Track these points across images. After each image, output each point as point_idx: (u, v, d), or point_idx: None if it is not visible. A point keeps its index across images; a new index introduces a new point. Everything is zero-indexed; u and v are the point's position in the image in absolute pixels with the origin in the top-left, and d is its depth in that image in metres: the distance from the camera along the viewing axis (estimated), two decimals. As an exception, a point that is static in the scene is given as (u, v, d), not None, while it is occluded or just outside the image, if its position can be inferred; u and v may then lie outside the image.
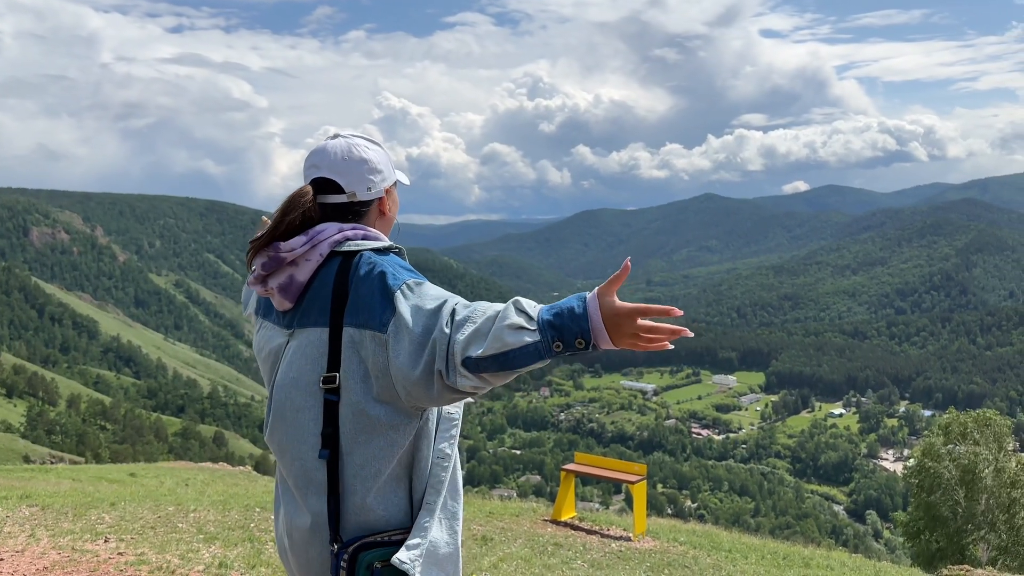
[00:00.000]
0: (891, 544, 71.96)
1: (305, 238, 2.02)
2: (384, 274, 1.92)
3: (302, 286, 2.03)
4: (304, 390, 1.97)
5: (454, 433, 2.05)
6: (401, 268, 1.96)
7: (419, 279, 1.94)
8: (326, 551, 1.96)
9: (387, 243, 2.06)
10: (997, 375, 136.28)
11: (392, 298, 1.87)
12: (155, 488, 11.58)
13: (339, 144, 2.12)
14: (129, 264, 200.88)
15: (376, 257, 1.98)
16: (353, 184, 2.10)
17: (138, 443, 65.91)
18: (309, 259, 2.02)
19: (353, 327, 1.91)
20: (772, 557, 8.54)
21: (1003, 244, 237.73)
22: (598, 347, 1.72)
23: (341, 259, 2.00)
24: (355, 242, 2.02)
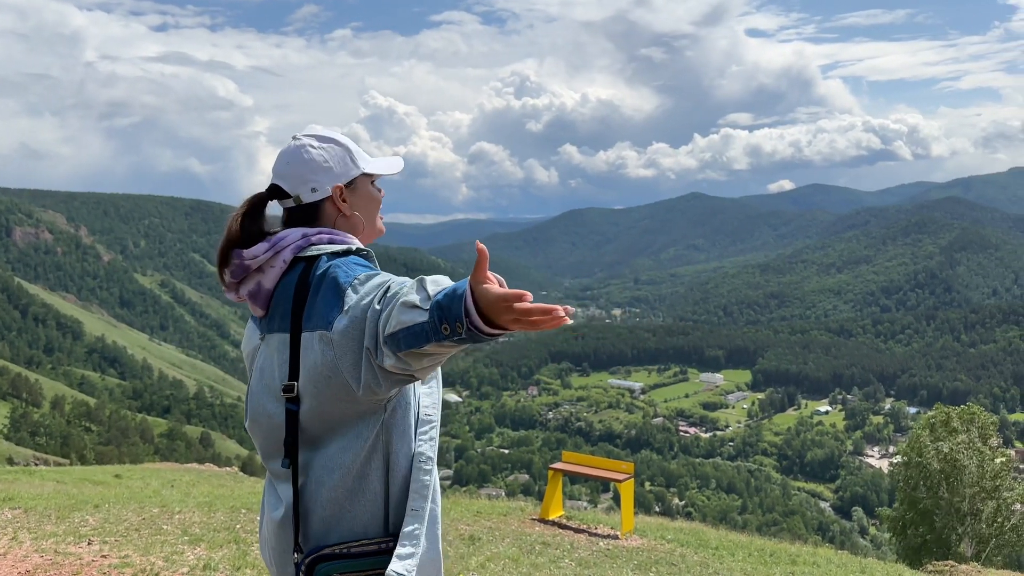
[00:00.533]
0: (877, 540, 72.46)
1: (267, 245, 2.01)
2: (337, 274, 1.89)
3: (269, 293, 2.02)
4: (272, 397, 1.97)
5: (433, 435, 2.00)
6: (356, 266, 1.93)
7: (372, 272, 1.90)
8: (290, 552, 1.95)
9: (349, 245, 2.02)
10: (981, 372, 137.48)
11: (343, 295, 1.84)
12: (140, 490, 11.50)
13: (288, 148, 2.11)
14: (114, 264, 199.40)
15: (334, 260, 1.95)
16: (296, 187, 2.07)
17: (123, 444, 65.44)
18: (274, 266, 2.00)
19: (307, 331, 1.90)
20: (759, 554, 8.57)
21: (986, 242, 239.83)
22: (480, 331, 1.57)
23: (304, 264, 1.98)
24: (318, 246, 2.00)
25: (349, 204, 2.11)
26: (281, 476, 2.00)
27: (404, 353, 1.67)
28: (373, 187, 2.19)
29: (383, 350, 1.72)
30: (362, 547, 1.88)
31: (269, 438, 2.00)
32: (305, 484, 1.92)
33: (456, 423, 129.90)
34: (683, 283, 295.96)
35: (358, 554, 1.88)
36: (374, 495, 1.91)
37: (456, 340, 1.60)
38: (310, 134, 2.13)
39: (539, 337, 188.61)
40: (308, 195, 2.07)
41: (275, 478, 2.05)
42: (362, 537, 1.89)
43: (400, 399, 1.93)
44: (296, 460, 1.92)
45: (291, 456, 1.92)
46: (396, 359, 1.69)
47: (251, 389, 2.07)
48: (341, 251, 1.99)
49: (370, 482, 1.90)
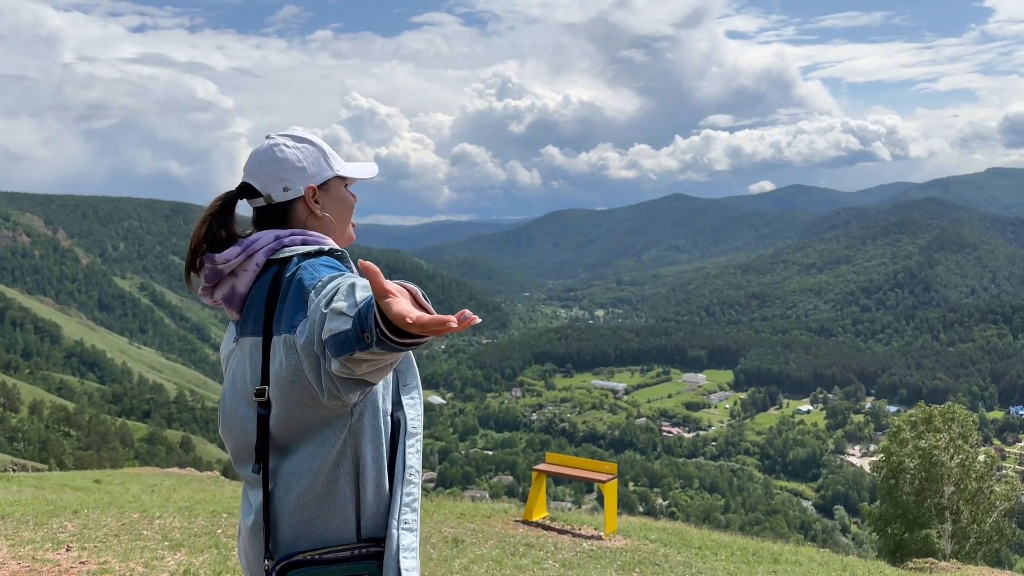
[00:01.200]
0: (859, 538, 73.09)
1: (239, 248, 1.99)
2: (303, 276, 1.86)
3: (243, 297, 2.00)
4: (244, 401, 1.95)
5: (420, 447, 1.99)
6: (323, 267, 1.89)
7: (335, 274, 1.84)
8: (262, 558, 1.94)
9: (321, 246, 1.99)
10: (960, 371, 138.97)
11: (306, 298, 1.81)
12: (120, 495, 11.38)
13: (261, 147, 2.09)
14: (92, 267, 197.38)
15: (305, 261, 1.93)
16: (267, 186, 2.05)
17: (103, 449, 64.78)
18: (247, 269, 1.98)
19: (276, 335, 1.88)
20: (742, 553, 8.61)
21: (964, 242, 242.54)
22: (391, 340, 1.52)
23: (277, 267, 1.96)
24: (291, 248, 1.98)
25: (321, 205, 2.09)
26: (252, 482, 1.98)
27: (343, 359, 1.63)
28: (347, 191, 2.15)
29: (328, 354, 1.68)
30: (334, 553, 1.86)
31: (240, 443, 1.98)
32: (274, 490, 1.90)
33: (440, 425, 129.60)
34: (665, 284, 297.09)
35: (330, 560, 1.85)
36: (344, 501, 1.88)
37: (381, 348, 1.56)
38: (285, 134, 2.12)
39: (522, 339, 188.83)
40: (280, 194, 2.05)
41: (247, 484, 2.03)
42: (333, 543, 1.87)
43: (368, 404, 1.89)
44: (267, 465, 1.90)
45: (263, 461, 1.91)
46: (339, 364, 1.65)
47: (224, 393, 2.05)
48: (313, 252, 1.96)
49: (340, 488, 1.87)
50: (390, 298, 1.46)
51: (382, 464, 1.91)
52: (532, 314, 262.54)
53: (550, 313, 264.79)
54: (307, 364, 1.76)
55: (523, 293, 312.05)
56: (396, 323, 1.45)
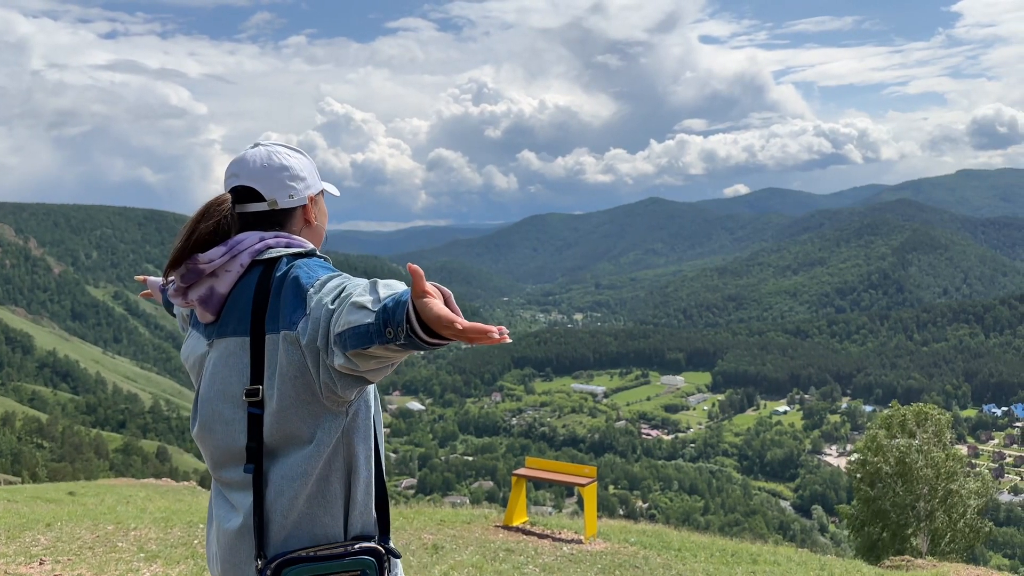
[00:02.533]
0: (837, 538, 73.73)
1: (224, 248, 1.98)
2: (299, 275, 1.89)
3: (223, 298, 1.99)
4: (231, 402, 1.94)
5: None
6: (318, 267, 1.93)
7: (334, 273, 1.89)
8: (251, 564, 1.91)
9: (309, 248, 2.03)
10: (933, 370, 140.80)
11: (305, 296, 1.84)
12: (94, 507, 11.22)
13: (259, 152, 2.09)
14: (65, 276, 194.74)
15: (295, 260, 1.96)
16: (273, 191, 2.06)
17: (77, 461, 63.83)
18: (229, 270, 1.97)
19: (272, 333, 1.88)
20: (721, 554, 8.65)
21: (936, 243, 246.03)
22: (419, 338, 1.59)
23: (262, 268, 1.97)
24: (276, 249, 1.98)
25: (314, 215, 2.15)
26: (237, 484, 1.95)
27: (351, 353, 1.66)
28: (325, 203, 2.24)
29: (333, 349, 1.71)
30: (329, 550, 1.87)
31: (223, 445, 1.96)
32: (267, 491, 1.89)
33: (420, 431, 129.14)
34: (643, 287, 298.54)
35: (326, 557, 1.86)
36: (335, 500, 1.90)
37: (400, 345, 1.61)
38: (277, 143, 2.15)
39: (502, 343, 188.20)
40: (285, 200, 2.07)
41: (228, 487, 1.99)
42: (323, 541, 1.88)
43: (361, 403, 1.94)
44: (261, 465, 1.90)
45: (255, 461, 1.90)
46: (344, 359, 1.68)
47: (202, 396, 2.02)
48: (302, 253, 2.00)
49: (332, 487, 1.90)
50: (428, 299, 1.53)
51: (371, 463, 1.95)
52: (511, 319, 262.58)
53: (529, 318, 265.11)
54: (311, 360, 1.79)
55: (502, 298, 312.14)
56: (433, 323, 1.51)
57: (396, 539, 7.98)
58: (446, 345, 1.61)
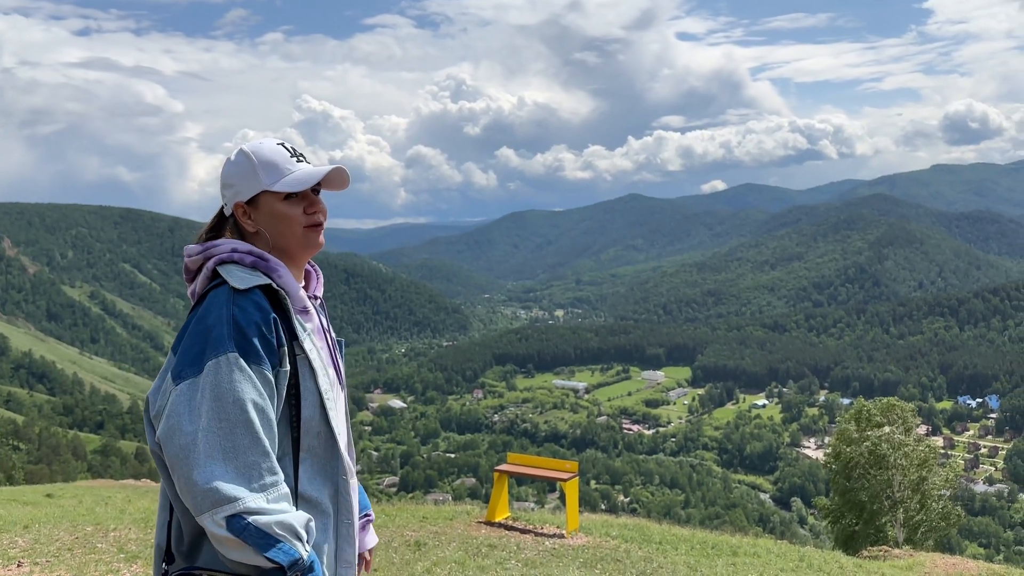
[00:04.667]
0: (815, 529, 74.45)
1: (200, 248, 2.04)
2: (213, 330, 1.86)
3: (198, 297, 2.01)
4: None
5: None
6: (236, 332, 1.86)
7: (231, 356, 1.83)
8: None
9: (261, 281, 1.96)
10: (910, 363, 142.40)
11: (202, 364, 1.82)
12: (73, 508, 11.11)
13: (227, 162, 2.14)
14: (40, 276, 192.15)
15: (230, 299, 1.91)
16: (223, 198, 2.11)
17: (54, 463, 63.07)
18: (203, 272, 2.01)
19: (172, 352, 1.90)
20: (701, 547, 8.73)
21: (912, 237, 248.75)
22: None
23: (219, 280, 1.98)
24: (234, 267, 1.97)
25: (255, 221, 2.08)
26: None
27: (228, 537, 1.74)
28: (285, 204, 2.07)
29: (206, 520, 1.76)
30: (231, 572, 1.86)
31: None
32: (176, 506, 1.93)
33: (401, 429, 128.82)
34: (623, 283, 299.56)
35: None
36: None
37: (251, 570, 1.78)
38: (243, 145, 2.13)
39: (483, 340, 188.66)
40: (227, 209, 2.11)
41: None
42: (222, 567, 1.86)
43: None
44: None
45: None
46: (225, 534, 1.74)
47: None
48: (247, 288, 1.93)
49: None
50: None
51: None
52: (492, 316, 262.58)
53: (510, 314, 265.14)
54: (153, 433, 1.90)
55: (483, 295, 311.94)
56: None
57: (379, 536, 7.96)
58: None
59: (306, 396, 1.97)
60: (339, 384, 2.15)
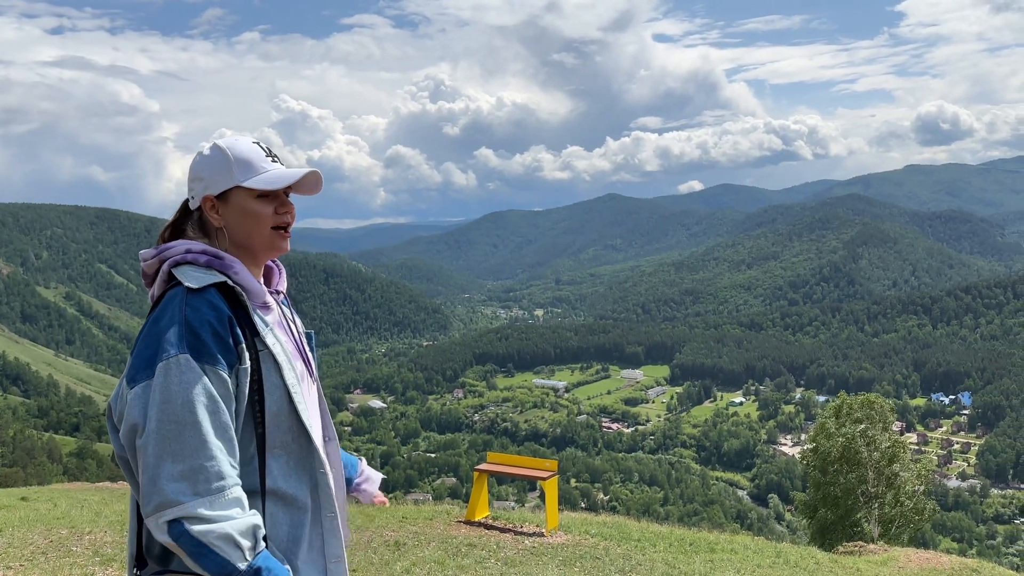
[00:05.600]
0: (792, 526, 75.12)
1: (153, 252, 2.00)
2: (165, 332, 1.85)
3: (155, 300, 1.98)
4: None
5: None
6: (188, 333, 1.85)
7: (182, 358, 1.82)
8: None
9: (212, 279, 1.94)
10: (884, 360, 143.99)
11: (154, 367, 1.82)
12: (47, 511, 10.98)
13: (195, 157, 2.12)
14: (14, 277, 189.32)
15: (183, 299, 1.89)
16: (189, 191, 2.09)
17: (29, 466, 62.21)
18: (159, 275, 1.98)
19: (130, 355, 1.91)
20: (679, 544, 8.80)
21: (886, 236, 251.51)
22: None
23: (174, 282, 1.96)
24: (190, 268, 1.95)
25: (222, 216, 2.06)
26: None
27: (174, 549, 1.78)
28: (257, 202, 2.07)
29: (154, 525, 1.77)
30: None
31: None
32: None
33: (381, 429, 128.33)
34: (602, 282, 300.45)
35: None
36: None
37: None
38: (218, 139, 2.11)
39: (463, 340, 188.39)
40: (193, 203, 2.08)
41: None
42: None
43: None
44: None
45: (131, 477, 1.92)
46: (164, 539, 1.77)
47: None
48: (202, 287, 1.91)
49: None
50: None
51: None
52: (472, 315, 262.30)
53: (490, 314, 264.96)
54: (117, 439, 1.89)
55: (463, 295, 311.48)
56: None
57: (358, 537, 7.97)
58: None
59: (271, 391, 1.95)
60: (310, 377, 2.14)
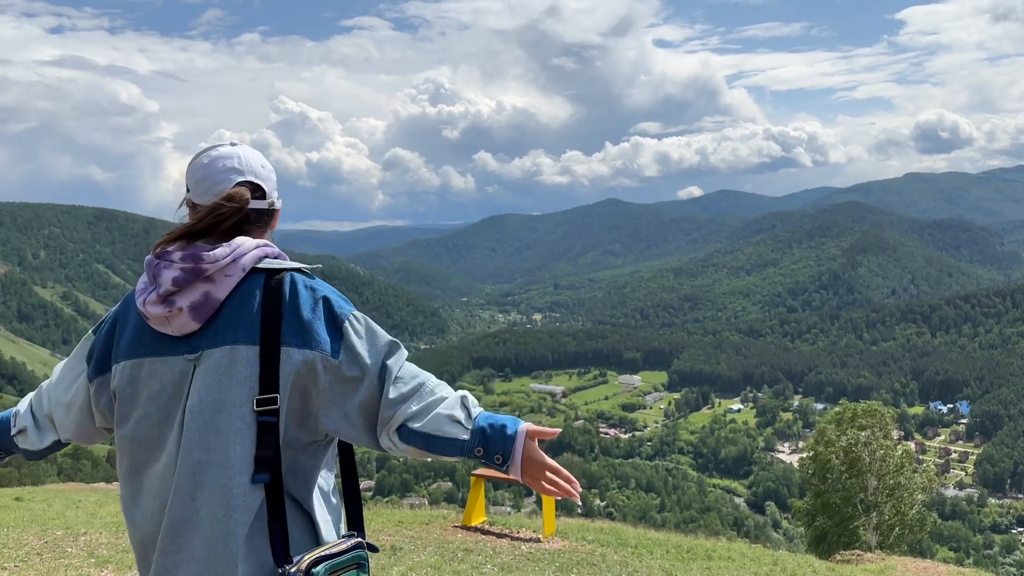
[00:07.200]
0: (789, 533, 75.02)
1: (228, 249, 1.89)
2: (329, 300, 1.93)
3: (218, 304, 1.88)
4: (232, 412, 1.83)
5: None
6: (341, 298, 1.98)
7: (366, 320, 1.99)
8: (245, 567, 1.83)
9: (308, 265, 2.03)
10: (883, 368, 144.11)
11: (341, 328, 1.90)
12: (42, 512, 10.94)
13: (250, 150, 2.07)
14: (11, 276, 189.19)
15: (313, 282, 1.97)
16: (272, 191, 2.07)
17: (23, 466, 62.06)
18: (229, 274, 1.89)
19: (297, 347, 1.86)
20: (676, 551, 8.77)
21: (885, 244, 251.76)
22: (509, 472, 1.90)
23: (264, 276, 1.92)
24: (273, 260, 1.97)
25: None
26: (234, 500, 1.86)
27: (415, 448, 1.90)
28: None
29: (391, 433, 1.89)
30: (338, 546, 1.91)
31: (217, 459, 1.83)
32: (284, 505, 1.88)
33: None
34: (601, 287, 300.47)
35: (341, 551, 1.90)
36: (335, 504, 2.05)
37: (480, 461, 1.89)
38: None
39: (461, 344, 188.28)
40: (277, 203, 2.10)
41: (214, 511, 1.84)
42: (329, 540, 1.94)
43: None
44: (280, 474, 1.85)
45: (270, 470, 1.83)
46: (396, 446, 1.91)
47: (190, 408, 1.85)
48: (299, 269, 1.99)
49: (329, 495, 2.03)
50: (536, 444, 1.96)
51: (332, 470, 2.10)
52: (470, 319, 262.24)
53: (488, 318, 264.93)
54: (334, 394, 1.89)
55: (461, 298, 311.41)
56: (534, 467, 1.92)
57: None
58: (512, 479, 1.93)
59: None
60: None
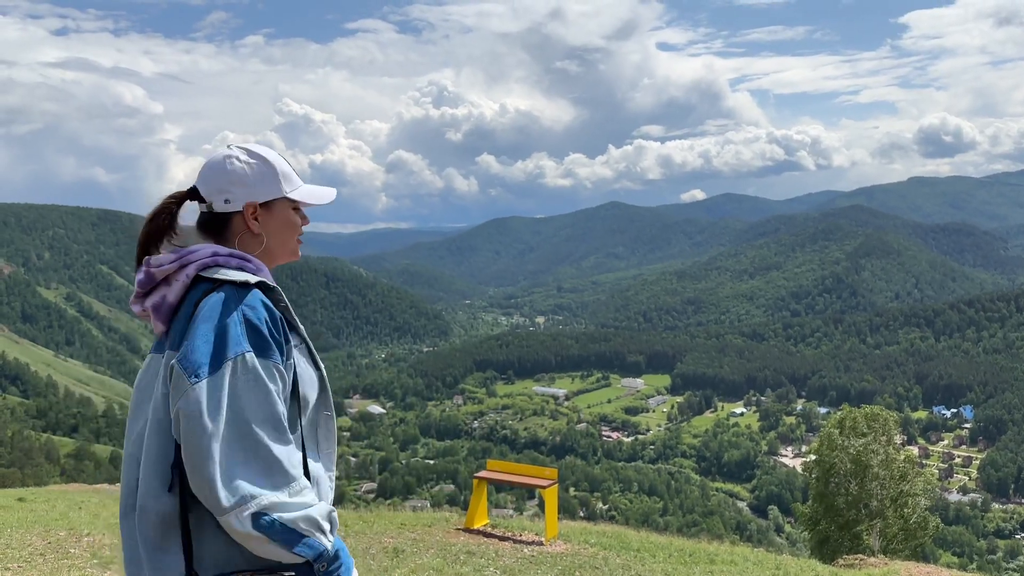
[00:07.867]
0: (792, 537, 74.90)
1: (174, 256, 1.99)
2: (229, 327, 1.87)
3: (172, 307, 1.98)
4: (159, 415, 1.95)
5: None
6: (250, 330, 1.90)
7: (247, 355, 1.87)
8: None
9: (256, 278, 1.98)
10: (886, 372, 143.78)
11: (222, 363, 1.84)
12: (45, 513, 10.96)
13: (216, 156, 2.12)
14: (15, 277, 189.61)
15: (236, 297, 1.93)
16: (211, 195, 2.08)
17: (27, 466, 62.18)
18: (178, 279, 1.98)
19: (176, 350, 1.89)
20: (679, 555, 8.76)
21: (888, 248, 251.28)
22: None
23: (209, 285, 1.96)
24: (224, 270, 1.97)
25: (261, 223, 2.13)
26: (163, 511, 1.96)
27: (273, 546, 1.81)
28: (295, 213, 2.20)
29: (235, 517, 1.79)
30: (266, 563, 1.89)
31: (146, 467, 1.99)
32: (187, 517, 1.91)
33: (380, 435, 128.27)
34: (604, 290, 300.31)
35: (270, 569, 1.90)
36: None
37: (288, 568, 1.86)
38: (243, 147, 2.16)
39: (464, 346, 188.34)
40: (220, 205, 2.09)
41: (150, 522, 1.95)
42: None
43: None
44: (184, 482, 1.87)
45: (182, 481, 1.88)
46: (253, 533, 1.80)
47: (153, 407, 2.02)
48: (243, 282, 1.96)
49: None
50: None
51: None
52: (473, 322, 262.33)
53: (491, 321, 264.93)
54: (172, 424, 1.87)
55: (464, 301, 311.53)
56: None
57: (356, 543, 7.95)
58: None
59: (307, 382, 2.04)
60: None
